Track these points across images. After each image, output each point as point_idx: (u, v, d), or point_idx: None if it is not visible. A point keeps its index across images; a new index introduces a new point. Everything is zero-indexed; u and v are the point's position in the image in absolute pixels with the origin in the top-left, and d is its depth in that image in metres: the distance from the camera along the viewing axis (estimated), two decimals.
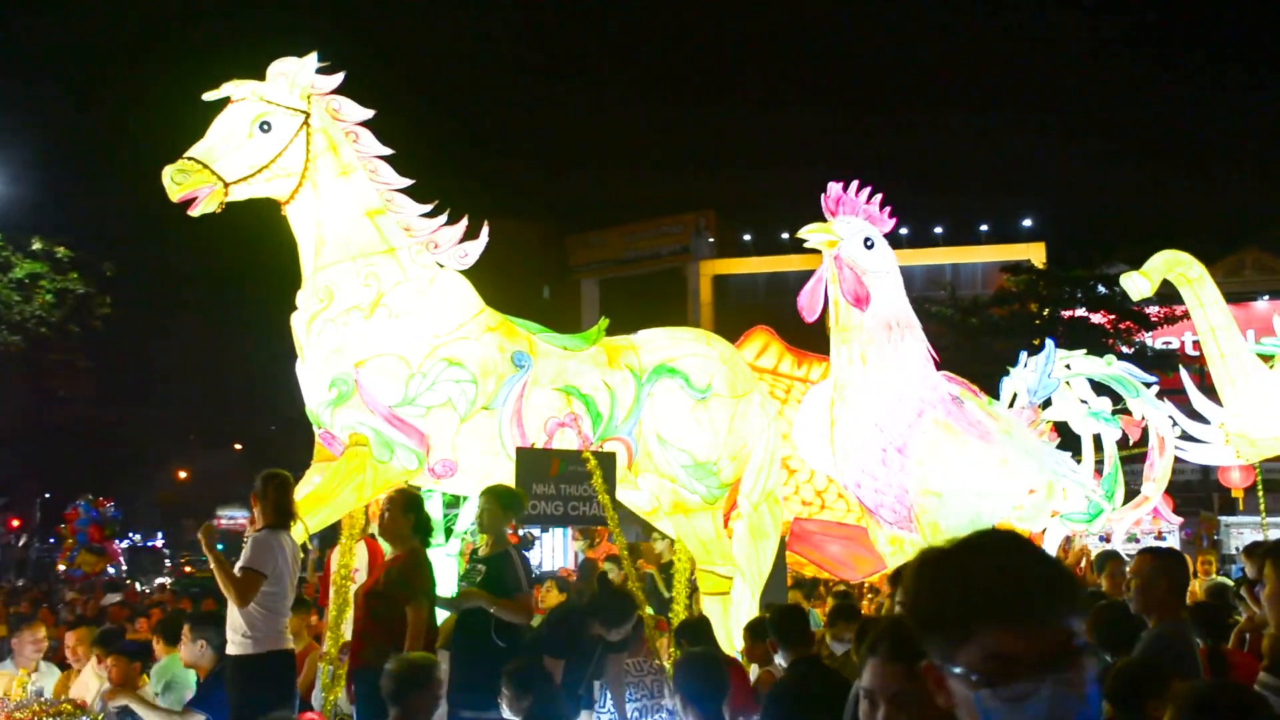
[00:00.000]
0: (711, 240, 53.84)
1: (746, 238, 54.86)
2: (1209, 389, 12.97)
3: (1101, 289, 34.91)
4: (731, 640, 10.26)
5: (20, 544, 44.64)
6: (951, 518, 11.12)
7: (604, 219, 56.26)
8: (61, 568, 27.20)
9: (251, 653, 7.34)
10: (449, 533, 14.22)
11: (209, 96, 9.43)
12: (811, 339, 13.27)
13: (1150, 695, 4.54)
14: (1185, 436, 13.15)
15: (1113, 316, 35.19)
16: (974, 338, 34.87)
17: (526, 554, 27.50)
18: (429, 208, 10.01)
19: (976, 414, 11.29)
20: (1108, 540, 12.49)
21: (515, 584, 7.96)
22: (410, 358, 9.58)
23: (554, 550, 46.76)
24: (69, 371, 32.88)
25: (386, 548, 8.99)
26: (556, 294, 55.68)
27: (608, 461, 10.00)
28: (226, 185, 9.22)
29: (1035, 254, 41.29)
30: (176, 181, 9.03)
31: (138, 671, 8.31)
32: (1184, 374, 13.62)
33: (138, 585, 31.16)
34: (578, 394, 10.16)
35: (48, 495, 43.33)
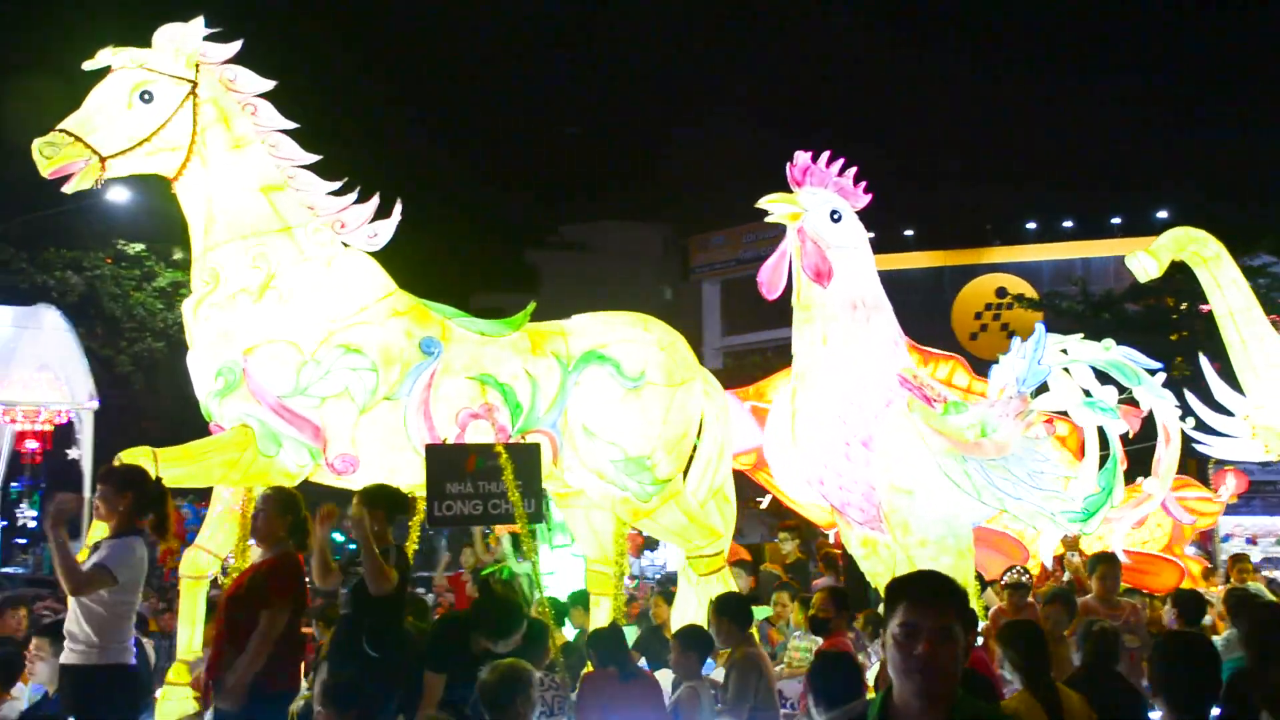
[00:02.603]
0: None
1: (870, 235, 53.28)
2: None
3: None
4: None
5: None
6: (924, 517, 10.19)
7: (725, 220, 55.54)
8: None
9: (93, 664, 6.63)
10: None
11: (89, 66, 8.87)
12: (938, 338, 12.66)
13: None
14: (1203, 428, 12.02)
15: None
16: (1107, 335, 33.13)
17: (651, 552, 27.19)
18: (336, 185, 9.44)
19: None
20: (1072, 547, 11.37)
21: None
22: (303, 344, 8.98)
23: (680, 551, 46.00)
24: None
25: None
26: (678, 296, 55.35)
27: (529, 454, 9.27)
28: (103, 160, 8.69)
29: None
30: (46, 155, 8.50)
31: None
32: (1204, 361, 12.37)
33: None
34: (494, 383, 9.44)
35: None
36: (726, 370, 36.72)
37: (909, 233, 52.57)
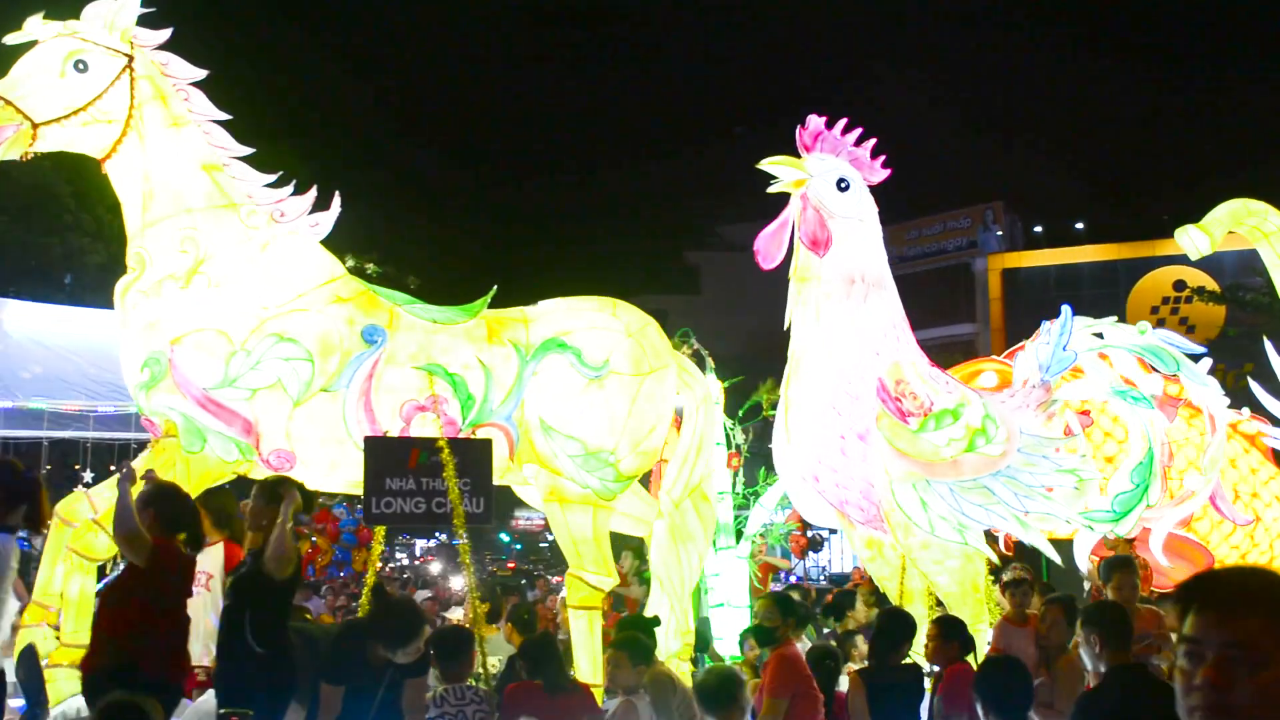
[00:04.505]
0: (1000, 233, 51.39)
1: (1037, 229, 52.67)
2: None
3: None
4: (597, 664, 8.79)
5: None
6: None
7: (890, 215, 54.97)
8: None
9: None
10: (739, 535, 13.78)
11: (12, 39, 8.43)
12: None
13: None
14: (1268, 418, 10.86)
15: None
16: None
17: (815, 554, 26.75)
18: (272, 178, 8.97)
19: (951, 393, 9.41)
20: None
21: None
22: (233, 333, 8.47)
23: (843, 552, 45.11)
24: None
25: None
26: None
27: (479, 450, 8.68)
28: (35, 126, 8.22)
29: None
30: None
31: None
32: (1268, 345, 11.13)
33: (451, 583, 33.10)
34: (443, 373, 8.83)
35: None
36: None
37: (1080, 226, 50.97)
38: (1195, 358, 10.01)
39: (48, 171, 24.00)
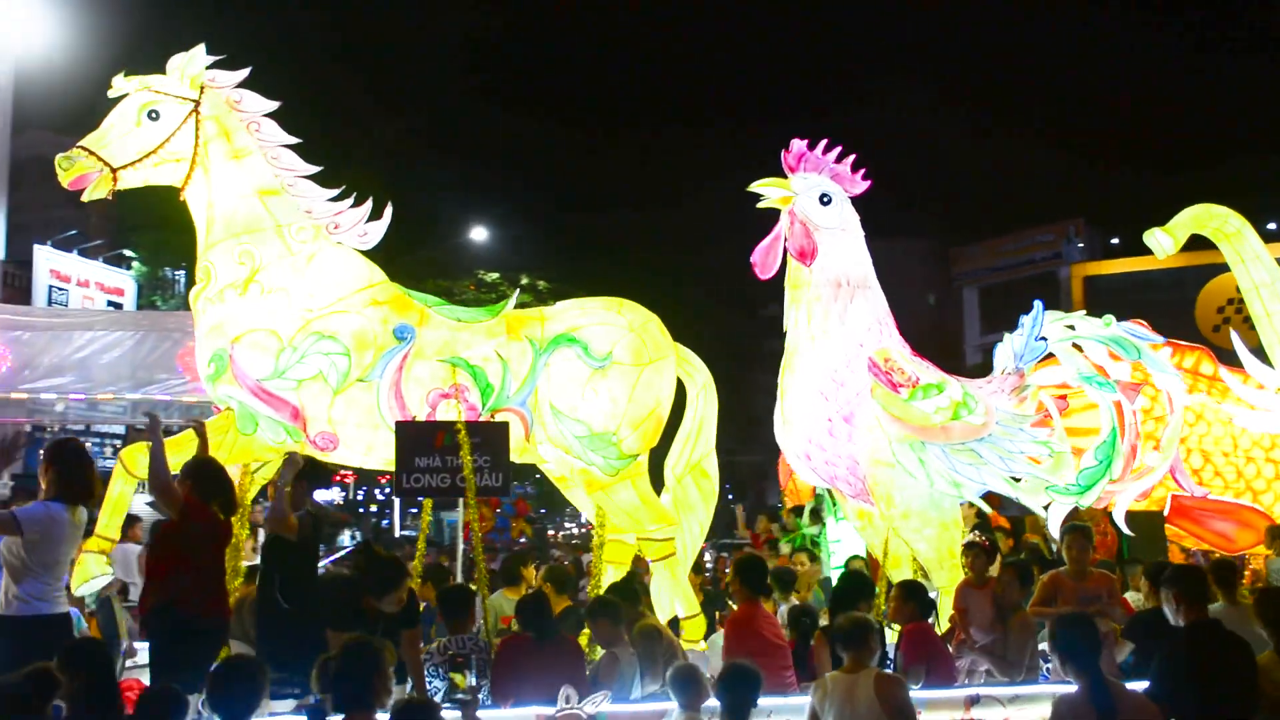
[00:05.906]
0: (1081, 245, 56.91)
1: (1115, 241, 57.51)
2: None
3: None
4: (691, 600, 10.44)
5: None
6: (907, 489, 10.27)
7: (987, 231, 60.96)
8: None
9: (12, 614, 7.28)
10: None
11: (112, 94, 9.96)
12: (1181, 331, 13.88)
13: None
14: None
15: None
16: None
17: None
18: (334, 192, 10.28)
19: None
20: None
21: None
22: (282, 332, 9.80)
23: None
24: None
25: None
26: (940, 302, 60.14)
27: (498, 432, 9.83)
28: (114, 170, 9.74)
29: None
30: (63, 168, 9.58)
31: None
32: (1234, 336, 11.92)
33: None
34: (465, 365, 10.04)
35: None
36: (985, 365, 38.36)
37: None
38: (1158, 345, 10.82)
39: None
